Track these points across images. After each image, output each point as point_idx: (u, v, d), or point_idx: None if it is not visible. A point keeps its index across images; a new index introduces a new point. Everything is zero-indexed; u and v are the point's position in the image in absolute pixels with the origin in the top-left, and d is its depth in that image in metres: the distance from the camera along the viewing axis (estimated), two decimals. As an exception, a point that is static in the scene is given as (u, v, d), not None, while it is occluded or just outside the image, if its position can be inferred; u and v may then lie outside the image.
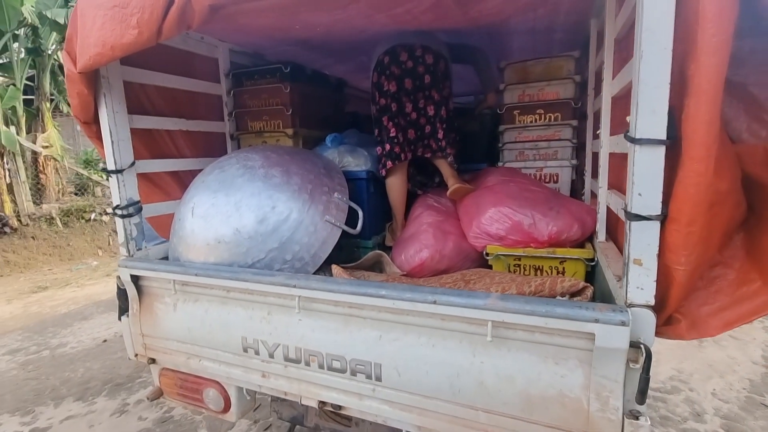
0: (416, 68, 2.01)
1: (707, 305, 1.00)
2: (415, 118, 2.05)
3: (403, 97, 2.03)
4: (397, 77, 2.02)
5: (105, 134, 1.70)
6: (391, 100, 2.04)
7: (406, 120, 2.05)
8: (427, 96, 2.04)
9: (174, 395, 1.83)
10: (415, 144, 2.08)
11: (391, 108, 2.04)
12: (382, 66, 2.04)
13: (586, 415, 1.03)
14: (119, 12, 1.40)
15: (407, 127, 2.06)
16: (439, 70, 2.04)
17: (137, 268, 1.69)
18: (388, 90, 2.03)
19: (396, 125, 2.05)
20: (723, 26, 0.79)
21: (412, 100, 2.04)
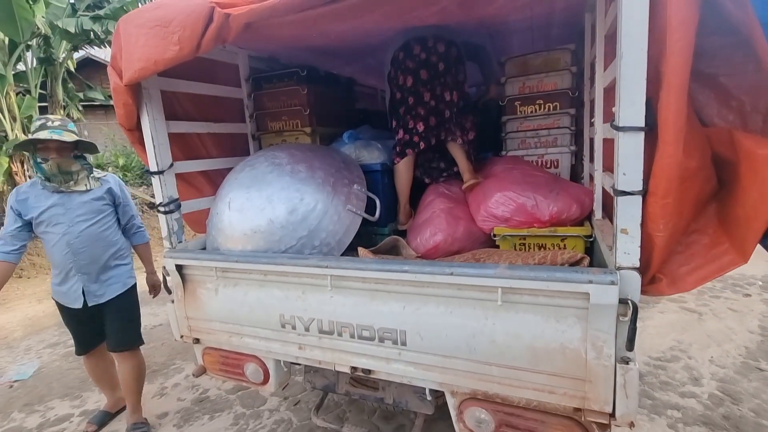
0: (429, 58, 2.11)
1: (685, 266, 1.18)
2: (434, 105, 2.16)
3: (420, 87, 2.14)
4: (413, 70, 2.13)
5: (147, 139, 1.89)
6: (408, 93, 2.16)
7: (425, 108, 2.16)
8: (443, 83, 2.14)
9: (216, 371, 2.04)
10: (438, 130, 2.19)
11: (408, 101, 2.16)
12: (398, 62, 2.17)
13: (584, 362, 1.22)
14: (161, 30, 1.58)
15: (428, 115, 2.16)
16: (451, 56, 2.15)
17: (182, 258, 1.89)
18: (405, 84, 2.15)
19: (415, 116, 2.16)
20: (686, 33, 0.95)
21: (429, 89, 2.14)
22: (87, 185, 2.16)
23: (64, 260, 2.13)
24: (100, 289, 2.21)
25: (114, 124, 12.16)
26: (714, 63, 1.19)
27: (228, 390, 2.80)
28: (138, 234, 2.45)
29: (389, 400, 1.75)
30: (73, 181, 2.12)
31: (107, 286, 2.24)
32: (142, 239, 2.47)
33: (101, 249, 2.20)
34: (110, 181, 2.28)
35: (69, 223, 2.11)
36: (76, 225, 2.12)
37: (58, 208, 2.10)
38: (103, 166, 9.24)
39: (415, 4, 1.61)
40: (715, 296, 3.77)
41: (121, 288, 2.28)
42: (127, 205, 2.34)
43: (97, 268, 2.19)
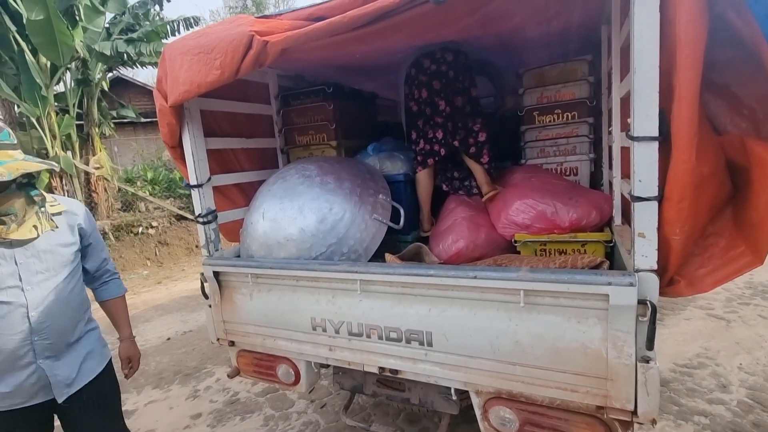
0: (440, 68, 2.22)
1: (703, 268, 1.22)
2: (450, 111, 2.25)
3: (435, 97, 2.25)
4: (426, 83, 2.24)
5: (188, 155, 2.04)
6: (424, 105, 2.27)
7: (442, 117, 2.26)
8: (454, 89, 2.25)
9: (250, 372, 2.15)
10: (453, 135, 2.27)
11: (425, 112, 2.27)
12: (411, 78, 2.30)
13: (605, 362, 1.27)
14: (204, 57, 1.73)
15: (445, 122, 2.26)
16: (460, 63, 2.26)
17: (219, 265, 2.02)
18: (420, 97, 2.27)
19: (434, 125, 2.27)
20: (695, 48, 1.02)
21: (443, 98, 2.24)
22: (38, 227, 1.41)
23: (16, 345, 1.35)
24: (70, 373, 1.46)
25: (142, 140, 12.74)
26: (726, 74, 1.25)
27: (257, 392, 2.92)
28: (112, 283, 1.70)
29: (415, 401, 1.82)
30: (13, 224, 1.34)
31: (79, 365, 1.49)
32: (117, 290, 1.71)
33: (72, 316, 1.49)
34: (77, 212, 1.58)
35: (26, 284, 1.37)
36: (35, 288, 1.38)
37: (3, 264, 1.35)
38: (133, 180, 9.66)
39: (437, 23, 1.72)
40: (745, 303, 3.69)
41: (98, 365, 1.56)
42: (99, 242, 1.65)
43: (64, 345, 1.46)
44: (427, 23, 1.64)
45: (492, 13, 1.70)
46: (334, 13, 1.46)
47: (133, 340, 1.75)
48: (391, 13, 1.36)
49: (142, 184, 9.67)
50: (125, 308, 1.76)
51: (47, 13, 5.99)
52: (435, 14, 1.45)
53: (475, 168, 2.32)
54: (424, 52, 2.23)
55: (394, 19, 1.39)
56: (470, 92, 2.30)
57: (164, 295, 5.70)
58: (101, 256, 1.66)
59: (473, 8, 1.59)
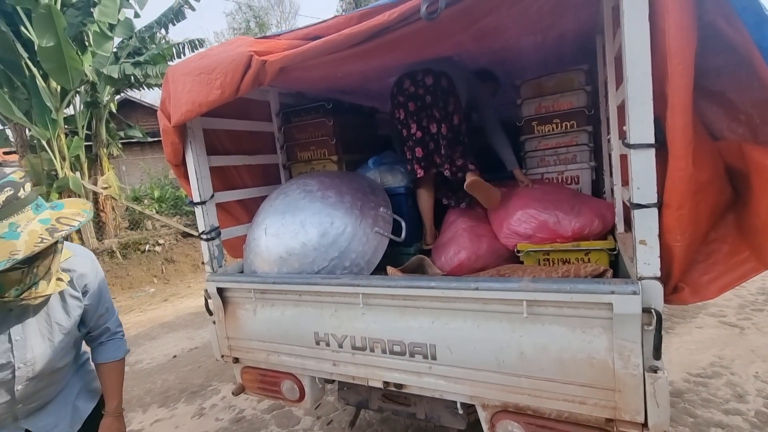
0: (417, 91, 2.18)
1: (707, 274, 1.21)
2: (420, 137, 2.21)
3: (409, 119, 2.22)
4: (403, 104, 2.22)
5: (191, 173, 2.08)
6: (401, 125, 2.26)
7: (412, 140, 2.23)
8: (428, 115, 2.18)
9: (255, 389, 2.14)
10: (424, 161, 2.23)
11: (403, 133, 2.26)
12: (392, 96, 2.29)
13: (612, 372, 1.24)
14: (205, 77, 1.77)
15: (415, 146, 2.23)
16: (439, 89, 2.18)
17: (223, 281, 2.03)
18: (399, 117, 2.25)
19: (410, 147, 2.25)
20: (685, 56, 1.03)
21: (416, 121, 2.20)
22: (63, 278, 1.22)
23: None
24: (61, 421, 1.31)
25: (149, 159, 12.95)
26: (720, 80, 1.25)
27: (263, 410, 2.89)
28: (110, 345, 1.44)
29: (421, 416, 1.79)
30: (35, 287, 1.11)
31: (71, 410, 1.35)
32: (115, 353, 1.43)
33: (62, 377, 1.31)
34: (85, 262, 1.33)
35: (18, 362, 1.16)
36: (30, 361, 1.18)
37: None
38: (140, 199, 9.80)
39: (432, 40, 1.75)
40: (758, 309, 3.61)
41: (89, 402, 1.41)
42: (102, 297, 1.38)
43: (51, 398, 1.30)
44: (422, 40, 1.67)
45: (486, 28, 1.73)
46: (330, 32, 1.49)
47: (120, 415, 1.43)
48: (385, 31, 1.40)
49: (149, 203, 9.80)
50: (121, 374, 1.46)
51: (58, 39, 6.19)
52: (428, 31, 1.48)
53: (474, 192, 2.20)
54: (408, 71, 2.22)
55: (388, 37, 1.42)
56: (450, 119, 2.19)
57: (171, 312, 5.71)
58: (102, 310, 1.39)
59: (467, 24, 1.62)
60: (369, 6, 1.47)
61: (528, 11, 1.66)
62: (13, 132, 7.43)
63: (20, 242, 1.00)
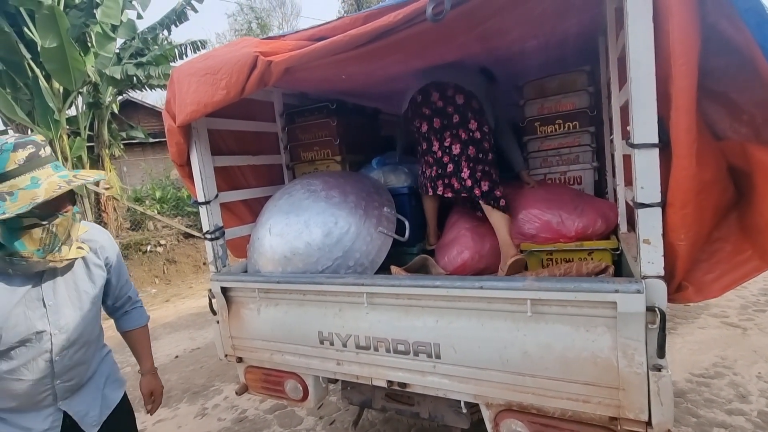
0: (446, 108, 2.07)
1: (710, 273, 1.21)
2: (439, 156, 2.11)
3: (431, 135, 2.12)
4: (427, 117, 2.11)
5: (195, 173, 2.09)
6: (421, 138, 2.17)
7: (433, 158, 2.14)
8: (453, 135, 2.08)
9: (258, 389, 2.14)
10: (435, 181, 2.14)
11: (423, 146, 2.18)
12: (415, 105, 2.16)
13: (616, 371, 1.25)
14: (210, 77, 1.78)
15: (433, 165, 2.14)
16: (469, 109, 2.08)
17: (227, 281, 2.04)
18: (420, 128, 2.16)
19: (427, 163, 2.17)
20: (689, 57, 1.04)
21: (438, 139, 2.10)
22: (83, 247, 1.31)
23: (35, 390, 1.22)
24: (93, 408, 1.36)
25: (151, 160, 12.98)
26: (723, 81, 1.26)
27: (266, 410, 2.89)
28: (135, 312, 1.57)
29: (425, 415, 1.80)
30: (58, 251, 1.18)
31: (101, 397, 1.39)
32: (140, 319, 1.59)
33: (93, 352, 1.38)
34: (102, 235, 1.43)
35: (54, 327, 1.22)
36: (65, 327, 1.24)
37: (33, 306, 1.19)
38: (142, 199, 9.81)
39: (437, 41, 1.76)
40: (760, 310, 3.61)
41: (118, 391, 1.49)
42: (122, 267, 1.51)
43: (84, 380, 1.35)
44: (426, 41, 1.68)
45: (490, 29, 1.74)
46: (335, 33, 1.50)
47: (155, 372, 1.63)
48: (390, 32, 1.41)
49: (150, 203, 9.81)
50: (148, 338, 1.62)
51: (60, 40, 6.21)
52: (433, 32, 1.49)
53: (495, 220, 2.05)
54: (436, 80, 2.10)
55: (393, 38, 1.43)
56: (477, 143, 2.08)
57: (172, 312, 5.72)
58: (123, 281, 1.51)
59: (471, 25, 1.63)
60: (374, 7, 1.48)
61: (532, 13, 1.67)
62: (15, 132, 7.46)
63: (40, 190, 1.10)
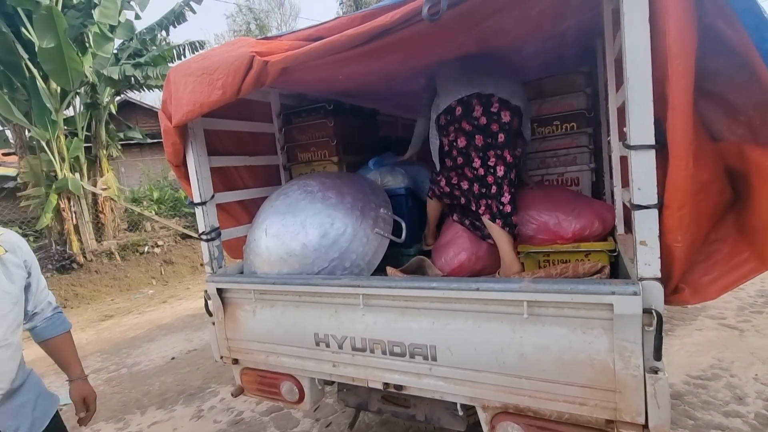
0: (490, 126, 1.90)
1: (708, 275, 1.21)
2: (482, 174, 1.95)
3: (472, 152, 1.93)
4: (467, 133, 1.92)
5: (191, 174, 2.07)
6: (457, 152, 1.98)
7: (473, 174, 1.97)
8: (498, 156, 1.92)
9: (254, 390, 2.13)
10: (479, 200, 1.99)
11: (458, 159, 2.00)
12: (453, 116, 1.95)
13: (613, 373, 1.24)
14: (207, 77, 1.77)
15: (473, 180, 1.99)
16: (513, 129, 1.95)
17: (222, 282, 2.03)
18: (456, 142, 1.96)
19: (460, 176, 2.03)
20: (685, 58, 1.04)
21: (481, 157, 1.93)
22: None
23: None
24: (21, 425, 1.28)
25: (149, 161, 12.94)
26: (720, 82, 1.26)
27: (262, 412, 2.88)
28: (56, 318, 1.47)
29: (421, 417, 1.79)
30: None
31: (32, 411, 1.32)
32: (63, 325, 1.48)
33: (17, 357, 1.29)
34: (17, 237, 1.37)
35: None
36: None
37: None
38: (139, 200, 9.78)
39: (434, 41, 1.75)
40: (757, 312, 3.61)
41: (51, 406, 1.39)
42: (39, 272, 1.42)
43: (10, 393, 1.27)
44: (424, 41, 1.68)
45: (488, 30, 1.74)
46: (332, 33, 1.50)
47: (86, 379, 1.51)
48: (387, 32, 1.40)
49: (148, 204, 9.78)
50: (74, 344, 1.52)
51: (58, 41, 6.18)
52: (430, 32, 1.48)
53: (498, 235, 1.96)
54: (480, 93, 1.91)
55: (390, 38, 1.43)
56: (517, 166, 2.01)
57: (169, 314, 5.69)
58: (42, 285, 1.42)
59: (469, 25, 1.63)
60: (371, 7, 1.47)
61: (529, 14, 1.67)
62: (12, 133, 7.42)
63: None
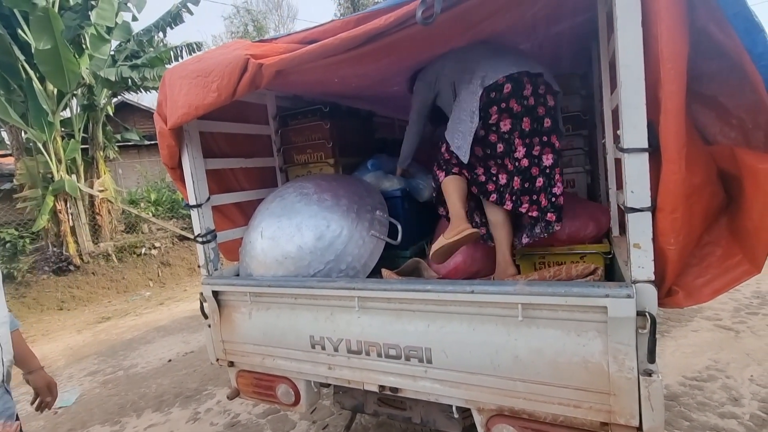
0: (537, 108, 1.72)
1: (701, 278, 1.21)
2: (525, 166, 1.74)
3: (515, 138, 1.72)
4: (516, 114, 1.70)
5: (187, 176, 2.07)
6: (498, 137, 1.73)
7: (514, 165, 1.75)
8: (545, 142, 1.74)
9: (250, 393, 2.12)
10: (520, 196, 1.78)
11: (498, 147, 1.75)
12: (500, 94, 1.68)
13: (607, 376, 1.24)
14: (202, 80, 1.77)
15: (514, 173, 1.76)
16: (555, 116, 1.80)
17: (218, 284, 2.02)
18: (498, 125, 1.71)
19: (500, 166, 1.80)
20: (677, 62, 1.05)
21: (525, 144, 1.72)
22: None
23: None
24: None
25: (146, 162, 12.90)
26: (712, 85, 1.26)
27: (258, 414, 2.87)
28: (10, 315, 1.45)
29: (417, 420, 1.78)
30: None
31: None
32: (14, 323, 1.49)
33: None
34: None
35: None
36: None
37: None
38: (137, 202, 9.75)
39: (428, 44, 1.76)
40: (753, 313, 3.62)
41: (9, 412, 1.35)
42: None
43: None
44: (417, 44, 1.68)
45: (481, 33, 1.75)
46: (326, 35, 1.50)
47: (42, 368, 1.58)
48: (381, 35, 1.40)
49: (145, 206, 9.74)
50: (24, 341, 1.55)
51: (55, 42, 6.16)
52: (424, 35, 1.49)
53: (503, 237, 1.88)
54: (529, 71, 1.72)
55: (384, 41, 1.43)
56: (560, 149, 1.82)
57: (166, 316, 5.67)
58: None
59: (462, 28, 1.63)
60: (366, 10, 1.48)
61: (524, 16, 1.67)
62: (8, 134, 7.38)
63: None
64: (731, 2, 0.99)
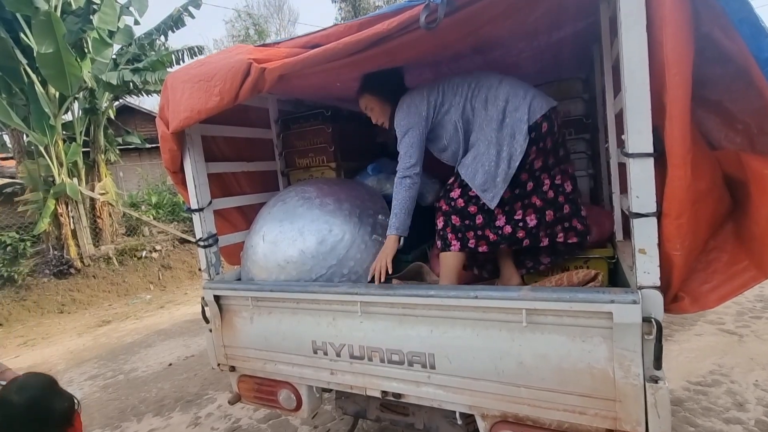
0: (558, 141, 1.72)
1: (707, 283, 1.20)
2: (552, 197, 1.70)
3: (542, 174, 1.69)
4: (546, 152, 1.66)
5: (189, 180, 2.07)
6: (528, 177, 1.66)
7: (543, 200, 1.70)
8: (563, 170, 1.74)
9: (251, 398, 2.11)
10: (553, 227, 1.72)
11: (527, 187, 1.67)
12: (539, 134, 1.62)
13: (612, 382, 1.23)
14: (204, 84, 1.77)
15: (543, 208, 1.70)
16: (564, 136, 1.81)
17: (220, 288, 2.01)
18: (533, 165, 1.65)
19: (526, 206, 1.69)
20: (682, 67, 1.04)
21: (550, 176, 1.70)
22: None
23: None
24: None
25: (147, 165, 12.91)
26: (718, 90, 1.26)
27: (259, 419, 2.85)
28: None
29: (420, 426, 1.77)
30: None
31: None
32: None
33: None
34: None
35: None
36: None
37: None
38: (138, 205, 9.75)
39: (431, 49, 1.76)
40: (756, 317, 3.60)
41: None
42: None
43: None
44: (420, 49, 1.68)
45: (484, 37, 1.75)
46: (329, 40, 1.50)
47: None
48: (384, 40, 1.40)
49: (146, 209, 9.74)
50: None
51: (57, 46, 6.18)
52: (427, 40, 1.48)
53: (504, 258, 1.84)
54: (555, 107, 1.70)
55: (387, 45, 1.43)
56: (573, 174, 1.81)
57: (167, 319, 5.66)
58: None
59: (465, 33, 1.63)
60: (369, 15, 1.47)
61: (526, 21, 1.67)
62: (10, 138, 7.39)
63: None
64: (737, 8, 0.99)
